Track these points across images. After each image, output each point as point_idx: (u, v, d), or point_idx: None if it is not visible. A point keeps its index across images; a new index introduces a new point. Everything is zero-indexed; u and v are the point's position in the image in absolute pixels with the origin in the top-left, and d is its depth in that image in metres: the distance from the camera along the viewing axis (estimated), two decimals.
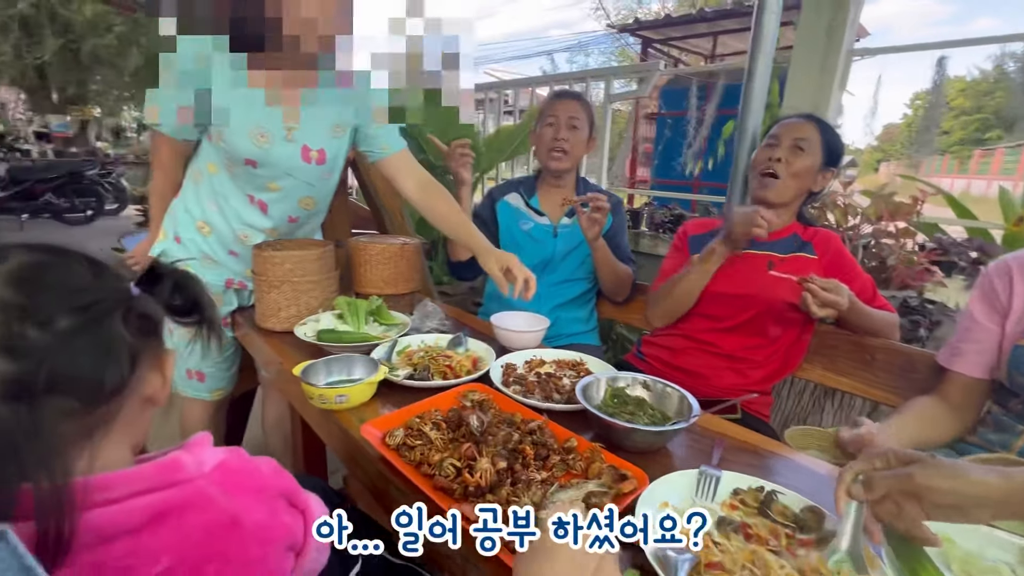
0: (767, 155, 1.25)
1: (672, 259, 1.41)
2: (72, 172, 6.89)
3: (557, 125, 1.53)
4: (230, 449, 0.52)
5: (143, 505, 0.42)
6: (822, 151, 1.22)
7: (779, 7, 1.39)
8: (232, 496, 0.47)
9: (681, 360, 1.31)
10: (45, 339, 0.39)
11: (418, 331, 1.22)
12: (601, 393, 0.89)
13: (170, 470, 0.45)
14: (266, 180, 1.18)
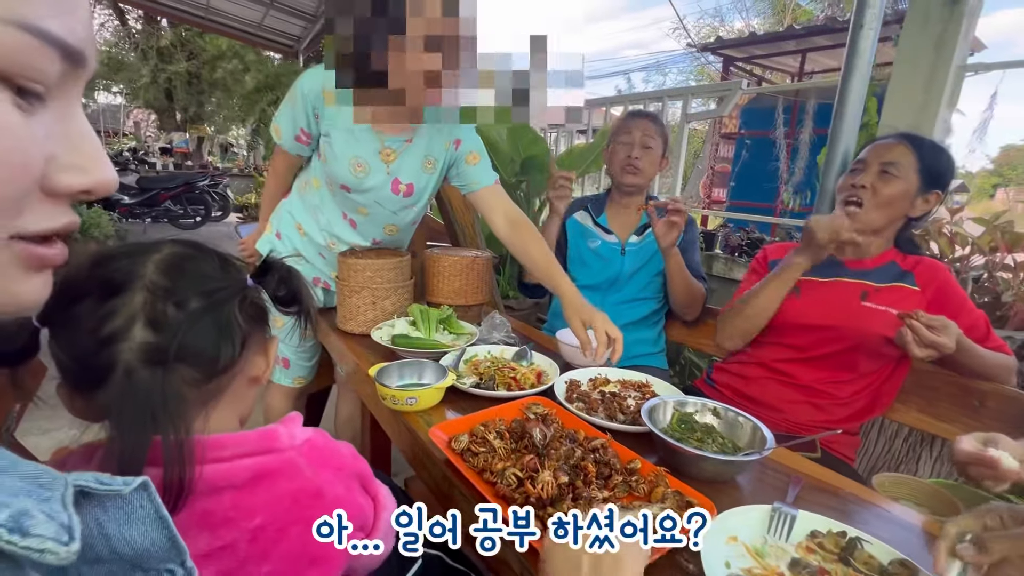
0: (851, 180, 1.16)
1: (748, 282, 1.35)
2: (187, 183, 7.76)
3: (631, 143, 1.53)
4: (316, 429, 0.58)
5: (247, 465, 0.49)
6: (919, 174, 1.11)
7: (878, 23, 1.31)
8: (317, 470, 0.52)
9: (754, 390, 1.24)
10: (180, 317, 0.47)
11: (485, 342, 1.26)
12: (668, 417, 0.87)
13: (269, 438, 0.52)
14: (357, 204, 1.29)
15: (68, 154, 0.28)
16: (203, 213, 8.01)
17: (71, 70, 0.28)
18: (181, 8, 7.07)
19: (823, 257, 1.15)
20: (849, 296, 1.16)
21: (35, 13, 0.24)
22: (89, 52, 0.29)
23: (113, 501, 0.30)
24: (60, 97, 0.28)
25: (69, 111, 0.29)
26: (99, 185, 0.30)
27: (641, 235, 1.61)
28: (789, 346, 1.22)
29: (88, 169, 0.29)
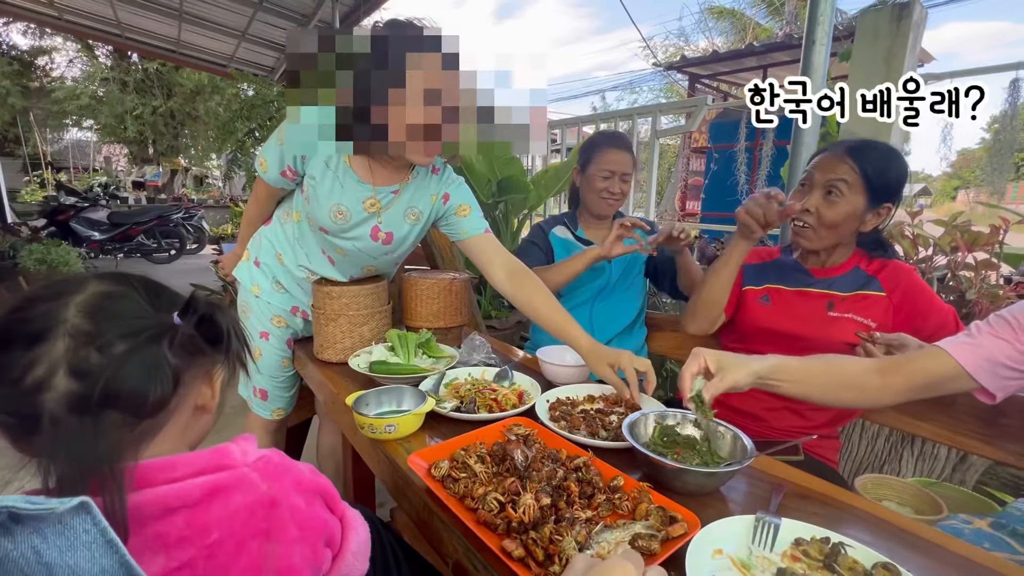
0: (798, 202, 1.14)
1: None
2: (160, 216, 7.63)
3: (612, 179, 1.55)
4: (272, 450, 0.57)
5: (199, 484, 0.48)
6: (865, 191, 1.09)
7: (828, 39, 1.37)
8: (272, 482, 0.51)
9: (736, 400, 1.24)
10: (103, 362, 0.45)
11: (465, 364, 1.24)
12: (650, 431, 0.86)
13: (220, 456, 0.51)
14: (335, 245, 1.27)
15: None
16: (178, 246, 7.87)
17: None
18: (151, 43, 7.06)
19: (757, 239, 1.18)
20: (816, 306, 1.18)
21: None
22: None
23: (51, 527, 0.28)
24: None
25: None
26: None
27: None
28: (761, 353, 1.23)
29: None
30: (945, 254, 1.69)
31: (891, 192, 1.12)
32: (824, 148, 1.20)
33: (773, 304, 1.23)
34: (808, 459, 1.14)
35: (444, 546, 0.72)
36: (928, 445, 1.62)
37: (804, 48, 1.43)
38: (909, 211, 1.76)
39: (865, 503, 0.77)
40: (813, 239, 1.16)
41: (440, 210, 1.30)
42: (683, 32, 16.32)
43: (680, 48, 12.47)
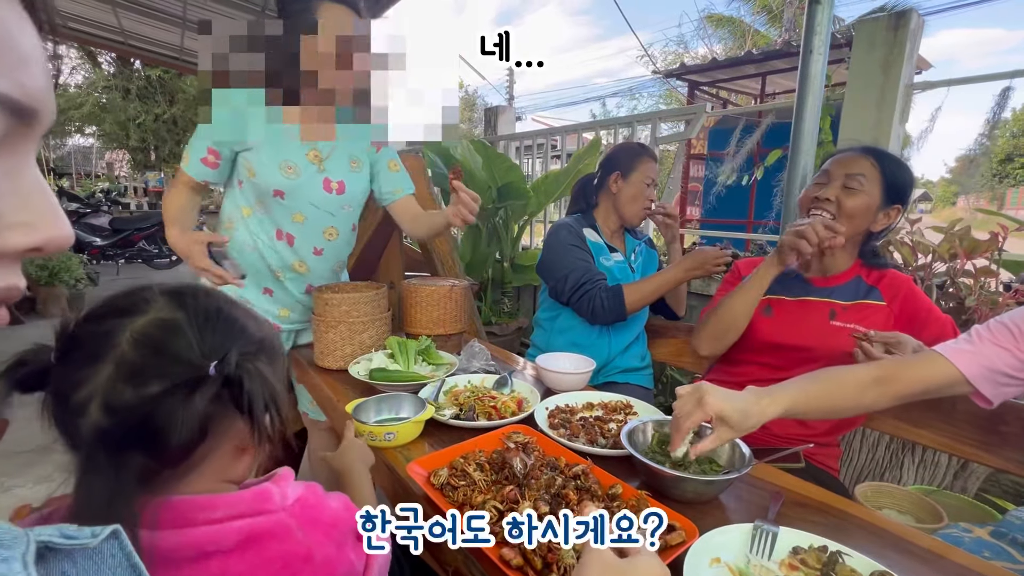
0: (815, 193, 1.16)
1: (722, 294, 1.37)
2: (161, 222, 7.64)
3: (652, 188, 1.59)
4: (307, 485, 0.56)
5: (237, 528, 0.47)
6: (881, 187, 1.12)
7: (825, 48, 1.39)
8: (307, 531, 0.51)
9: None
10: (135, 401, 0.44)
11: (465, 371, 1.25)
12: (648, 439, 0.87)
13: (260, 499, 0.50)
14: (291, 211, 1.30)
15: (16, 211, 0.27)
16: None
17: (21, 126, 0.27)
18: (154, 51, 7.11)
19: (790, 263, 1.16)
20: (818, 315, 1.18)
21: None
22: (43, 107, 0.27)
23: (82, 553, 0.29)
24: (8, 152, 0.27)
25: (19, 166, 0.27)
26: (49, 242, 0.28)
27: (635, 252, 1.68)
28: (765, 364, 1.23)
29: (37, 225, 0.28)
30: (944, 261, 1.70)
31: (902, 194, 1.15)
32: (841, 149, 1.22)
33: (776, 315, 1.22)
34: (808, 467, 1.14)
35: (443, 554, 0.72)
36: (929, 452, 1.62)
37: (801, 57, 1.44)
38: (908, 218, 1.77)
39: (864, 511, 0.77)
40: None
41: (374, 157, 1.41)
42: (682, 40, 16.45)
43: (679, 55, 12.56)
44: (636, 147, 1.67)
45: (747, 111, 2.86)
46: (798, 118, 1.45)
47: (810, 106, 1.42)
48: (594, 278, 1.51)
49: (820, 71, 1.41)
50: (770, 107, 2.62)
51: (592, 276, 1.51)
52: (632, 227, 1.66)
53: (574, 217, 1.71)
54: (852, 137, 2.07)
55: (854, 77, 2.08)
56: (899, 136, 2.09)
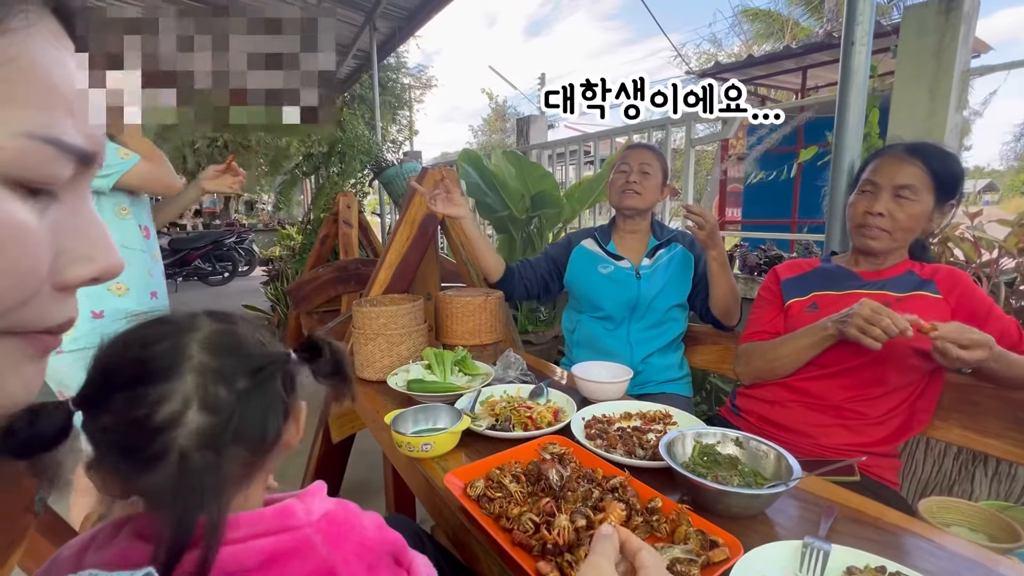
0: (865, 207, 1.13)
1: (762, 310, 1.32)
2: (215, 241, 8.11)
3: (629, 171, 1.57)
4: (338, 501, 0.55)
5: (260, 547, 0.47)
6: (933, 189, 1.09)
7: (868, 39, 1.32)
8: (333, 548, 0.50)
9: (780, 415, 1.19)
10: (231, 398, 0.46)
11: (500, 381, 1.25)
12: (688, 450, 0.84)
13: (284, 516, 0.50)
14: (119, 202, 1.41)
15: (77, 245, 0.29)
16: (230, 269, 8.31)
17: (84, 168, 0.29)
18: None
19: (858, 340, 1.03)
20: None
21: (60, 128, 0.25)
22: (101, 149, 0.30)
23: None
24: (73, 191, 0.29)
25: (79, 203, 0.29)
26: (105, 271, 0.30)
27: (652, 257, 1.62)
28: (814, 363, 1.18)
29: (95, 257, 0.30)
30: (1012, 256, 1.57)
31: (954, 188, 1.10)
32: (880, 151, 1.18)
33: (822, 311, 1.18)
34: (865, 479, 1.08)
35: (480, 566, 0.72)
36: (1004, 464, 1.49)
37: (843, 49, 1.38)
38: (967, 211, 1.65)
39: (928, 529, 0.72)
40: (887, 241, 1.12)
41: None
42: (715, 38, 16.04)
43: (713, 55, 12.25)
44: (620, 149, 1.73)
45: (785, 107, 2.77)
46: (841, 114, 1.39)
47: (853, 100, 1.36)
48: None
49: (864, 63, 1.35)
50: (811, 102, 2.52)
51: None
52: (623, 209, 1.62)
53: (586, 228, 1.80)
54: (904, 129, 1.96)
55: (903, 66, 1.97)
56: (956, 125, 1.96)
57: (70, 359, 1.28)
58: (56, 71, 0.26)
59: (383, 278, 1.71)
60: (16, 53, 0.24)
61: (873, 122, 1.96)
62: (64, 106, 0.26)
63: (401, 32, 5.14)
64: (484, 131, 25.13)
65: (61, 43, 0.27)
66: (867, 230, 1.13)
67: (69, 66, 0.27)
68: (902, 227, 1.10)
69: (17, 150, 0.24)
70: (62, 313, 0.29)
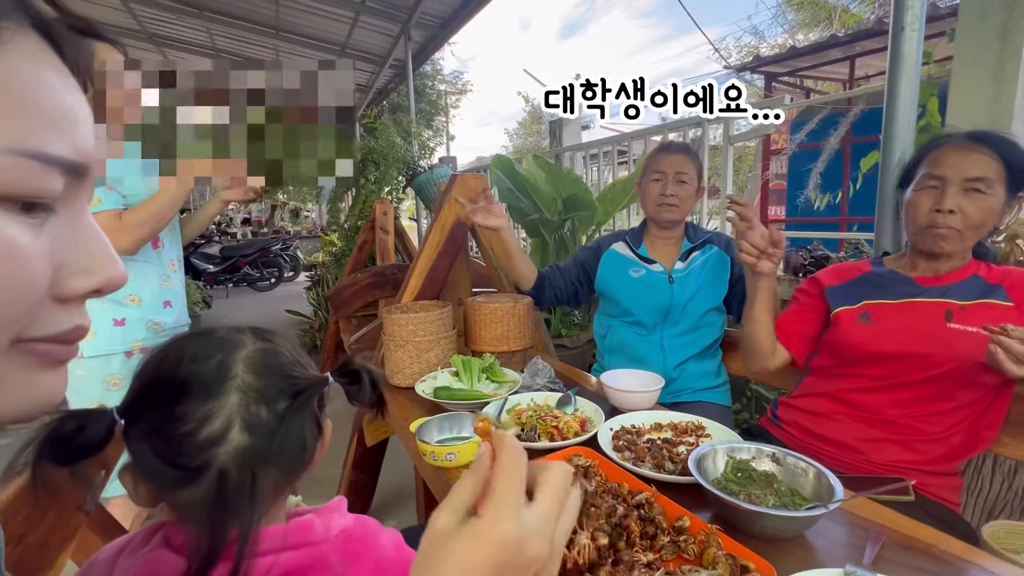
0: (930, 203, 1.01)
1: (793, 312, 1.25)
2: (262, 248, 8.48)
3: (665, 181, 1.51)
4: (357, 517, 0.55)
5: (279, 561, 0.47)
6: (1005, 180, 0.97)
7: (920, 24, 1.23)
8: (349, 566, 0.50)
9: (826, 428, 1.12)
10: (271, 418, 0.47)
11: (528, 389, 1.24)
12: (720, 466, 0.80)
13: (303, 531, 0.50)
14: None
15: (77, 258, 0.29)
16: (276, 275, 8.67)
17: (76, 181, 0.29)
18: None
19: (768, 272, 1.17)
20: (931, 318, 1.03)
21: (39, 140, 0.25)
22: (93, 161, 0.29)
23: None
24: (68, 204, 0.29)
25: (76, 216, 0.30)
26: (108, 283, 0.30)
27: (686, 260, 1.57)
28: (867, 376, 1.10)
29: (95, 269, 0.30)
30: None
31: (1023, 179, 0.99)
32: (938, 140, 1.07)
33: (876, 322, 1.09)
34: (920, 500, 0.99)
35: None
36: None
37: (891, 36, 1.29)
38: None
39: (992, 559, 0.65)
40: (956, 242, 1.01)
41: None
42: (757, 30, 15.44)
43: (754, 48, 11.81)
44: (653, 151, 1.64)
45: (832, 100, 2.62)
46: (890, 104, 1.30)
47: (904, 90, 1.27)
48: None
49: (915, 49, 1.25)
50: (860, 92, 2.38)
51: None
52: (660, 222, 1.57)
53: (617, 231, 1.76)
54: (964, 118, 1.81)
55: (962, 50, 1.83)
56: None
57: (88, 365, 1.32)
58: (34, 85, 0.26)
59: (414, 284, 1.73)
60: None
61: (933, 111, 1.83)
62: (46, 120, 0.26)
63: (435, 40, 5.22)
64: (519, 134, 25.19)
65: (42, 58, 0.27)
66: (936, 230, 1.01)
67: (51, 81, 0.27)
68: (974, 225, 0.99)
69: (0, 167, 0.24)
70: (68, 321, 0.29)
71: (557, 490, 0.37)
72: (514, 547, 0.32)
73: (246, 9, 5.22)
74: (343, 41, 5.68)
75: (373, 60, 6.06)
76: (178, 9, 5.29)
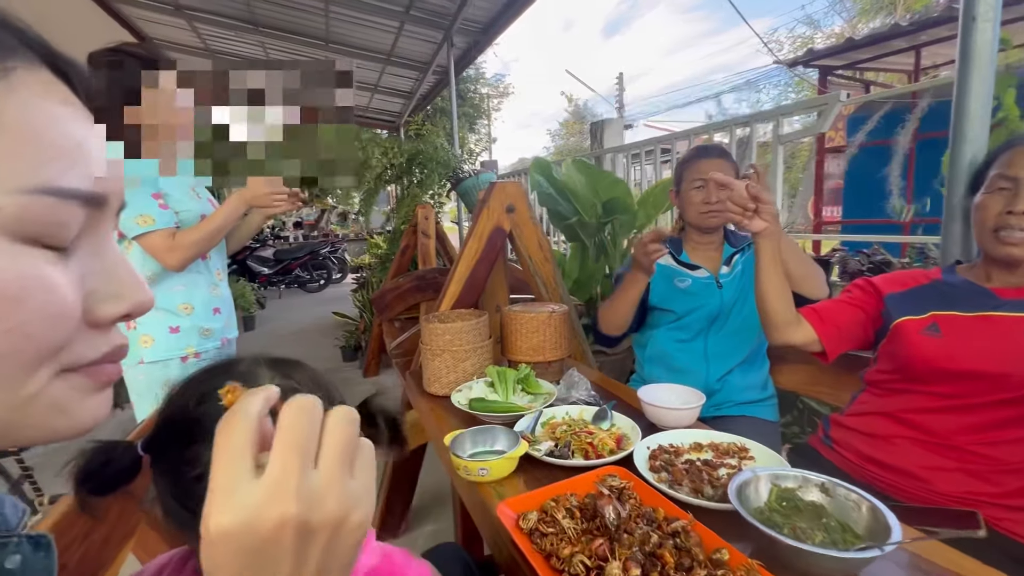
0: (1000, 206, 0.94)
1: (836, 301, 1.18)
2: (312, 251, 8.84)
3: (707, 188, 1.45)
4: (386, 553, 0.54)
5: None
6: None
7: (995, 12, 1.13)
8: None
9: (884, 452, 1.04)
10: None
11: (564, 401, 1.22)
12: (764, 494, 0.76)
13: None
14: None
15: (106, 285, 0.30)
16: (325, 277, 9.01)
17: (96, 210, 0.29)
18: None
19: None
20: (1011, 334, 0.94)
21: (53, 175, 0.26)
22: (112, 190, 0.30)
23: None
24: (92, 234, 0.30)
25: (101, 244, 0.31)
26: (135, 308, 0.31)
27: (730, 264, 1.53)
28: (935, 394, 1.02)
29: (124, 295, 0.31)
30: None
31: None
32: (1013, 140, 0.99)
33: (946, 336, 1.01)
34: (994, 536, 0.91)
35: None
36: None
37: (961, 27, 1.18)
38: None
39: None
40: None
41: None
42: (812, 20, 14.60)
43: (809, 38, 11.21)
44: (686, 154, 1.59)
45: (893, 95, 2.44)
46: (960, 99, 1.19)
47: (976, 84, 1.16)
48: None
49: (989, 40, 1.14)
50: (926, 86, 2.21)
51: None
52: (705, 228, 1.52)
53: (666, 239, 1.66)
54: None
55: None
56: None
57: (148, 370, 1.42)
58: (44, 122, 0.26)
59: (453, 291, 1.75)
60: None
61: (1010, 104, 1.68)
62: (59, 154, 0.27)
63: (478, 45, 5.26)
64: (561, 135, 25.05)
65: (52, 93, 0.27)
66: (1007, 235, 0.94)
67: (61, 114, 0.27)
68: None
69: (17, 206, 0.25)
70: (108, 343, 0.31)
71: (289, 439, 0.29)
72: (243, 532, 0.27)
73: (298, 23, 5.45)
74: (388, 50, 5.83)
75: (416, 67, 6.19)
76: (236, 26, 5.59)
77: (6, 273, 0.25)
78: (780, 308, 1.14)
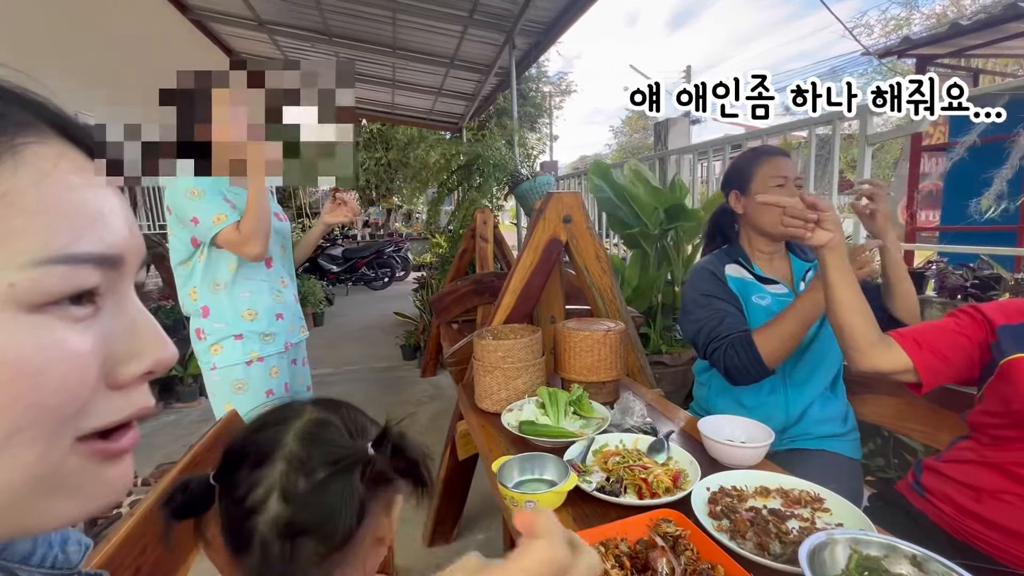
0: None
1: (938, 326, 1.03)
2: (377, 250, 9.21)
3: (788, 186, 1.32)
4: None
5: None
6: None
7: None
8: None
9: (990, 509, 0.91)
10: (307, 488, 0.48)
11: (618, 428, 1.17)
12: (841, 560, 0.68)
13: None
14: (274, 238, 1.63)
15: (127, 344, 0.30)
16: (389, 275, 9.36)
17: (113, 271, 0.29)
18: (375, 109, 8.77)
19: (826, 243, 1.00)
20: None
21: (64, 242, 0.26)
22: (127, 249, 0.30)
23: None
24: (111, 295, 0.29)
25: (122, 303, 0.30)
26: (157, 365, 0.30)
27: (806, 280, 1.40)
28: None
29: (144, 352, 0.30)
30: None
31: None
32: None
33: None
34: None
35: None
36: None
37: None
38: None
39: None
40: None
41: None
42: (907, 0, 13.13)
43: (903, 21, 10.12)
44: (750, 153, 1.44)
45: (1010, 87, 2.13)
46: None
47: None
48: (724, 332, 1.29)
49: None
50: None
51: (722, 331, 1.30)
52: (781, 238, 1.37)
53: (715, 255, 1.48)
54: None
55: None
56: None
57: (220, 374, 1.55)
58: (54, 192, 0.26)
59: (507, 302, 1.74)
60: (5, 190, 0.25)
61: None
62: (70, 221, 0.26)
63: (539, 46, 5.23)
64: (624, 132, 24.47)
65: (64, 161, 0.27)
66: None
67: (73, 182, 0.27)
68: None
69: (30, 280, 0.25)
70: (129, 406, 0.30)
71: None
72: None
73: (367, 32, 5.67)
74: (451, 54, 5.93)
75: (479, 69, 6.25)
76: (311, 37, 5.92)
77: (27, 347, 0.25)
78: (859, 324, 1.01)
